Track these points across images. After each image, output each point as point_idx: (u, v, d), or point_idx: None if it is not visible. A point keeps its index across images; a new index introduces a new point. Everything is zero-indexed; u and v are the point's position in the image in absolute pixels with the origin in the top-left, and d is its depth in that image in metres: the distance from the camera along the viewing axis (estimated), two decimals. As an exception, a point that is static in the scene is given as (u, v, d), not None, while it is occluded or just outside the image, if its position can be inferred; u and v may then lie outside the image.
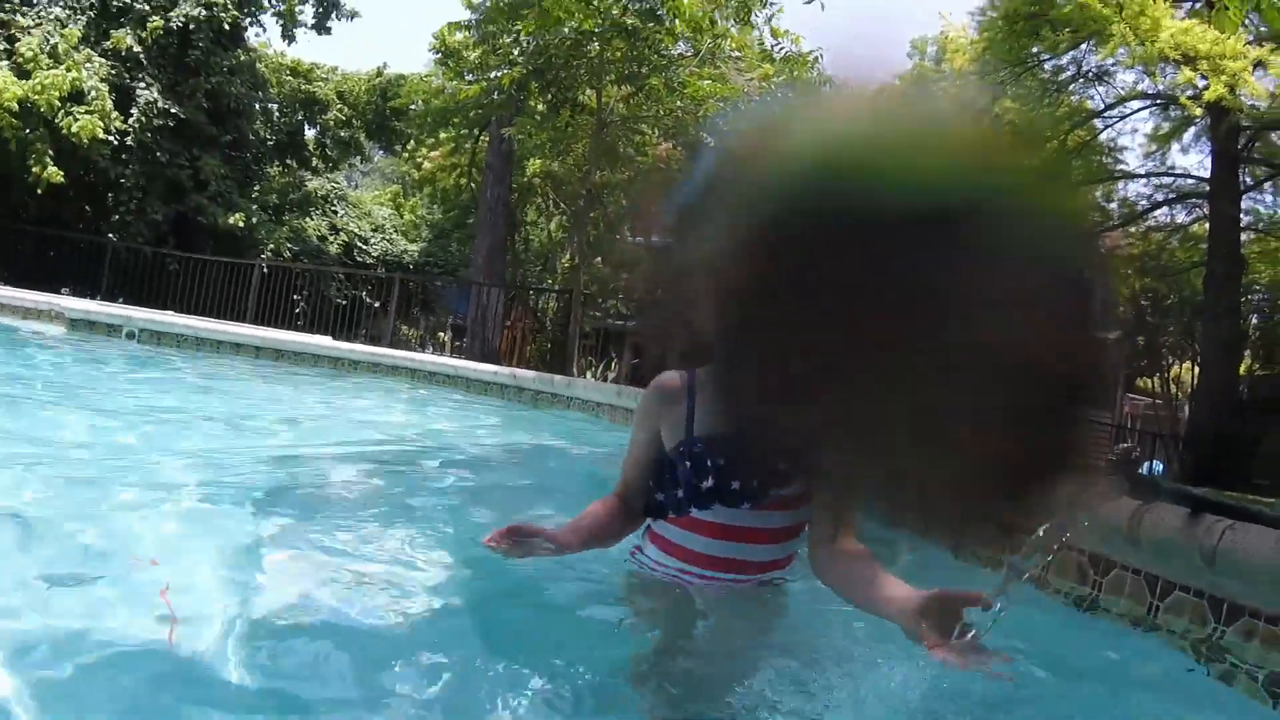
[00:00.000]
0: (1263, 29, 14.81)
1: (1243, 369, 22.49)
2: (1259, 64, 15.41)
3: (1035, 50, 18.58)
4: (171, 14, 22.20)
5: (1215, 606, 1.98)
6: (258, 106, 26.12)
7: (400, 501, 3.51)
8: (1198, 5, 16.72)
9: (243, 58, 24.63)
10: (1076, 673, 2.08)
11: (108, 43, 21.57)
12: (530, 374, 10.44)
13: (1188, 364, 26.38)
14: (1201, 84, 15.85)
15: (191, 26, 22.35)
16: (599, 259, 22.43)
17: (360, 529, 2.89)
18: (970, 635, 1.59)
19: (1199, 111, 16.77)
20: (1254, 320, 24.98)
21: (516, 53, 16.01)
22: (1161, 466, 20.39)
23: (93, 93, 20.16)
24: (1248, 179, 19.19)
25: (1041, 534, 1.80)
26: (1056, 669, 2.06)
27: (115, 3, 22.10)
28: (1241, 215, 18.72)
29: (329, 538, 2.65)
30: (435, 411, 8.27)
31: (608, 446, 6.67)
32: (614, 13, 14.44)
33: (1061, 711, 1.87)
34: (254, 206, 24.46)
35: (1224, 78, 15.08)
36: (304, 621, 1.94)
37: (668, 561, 2.17)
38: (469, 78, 18.97)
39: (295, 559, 2.38)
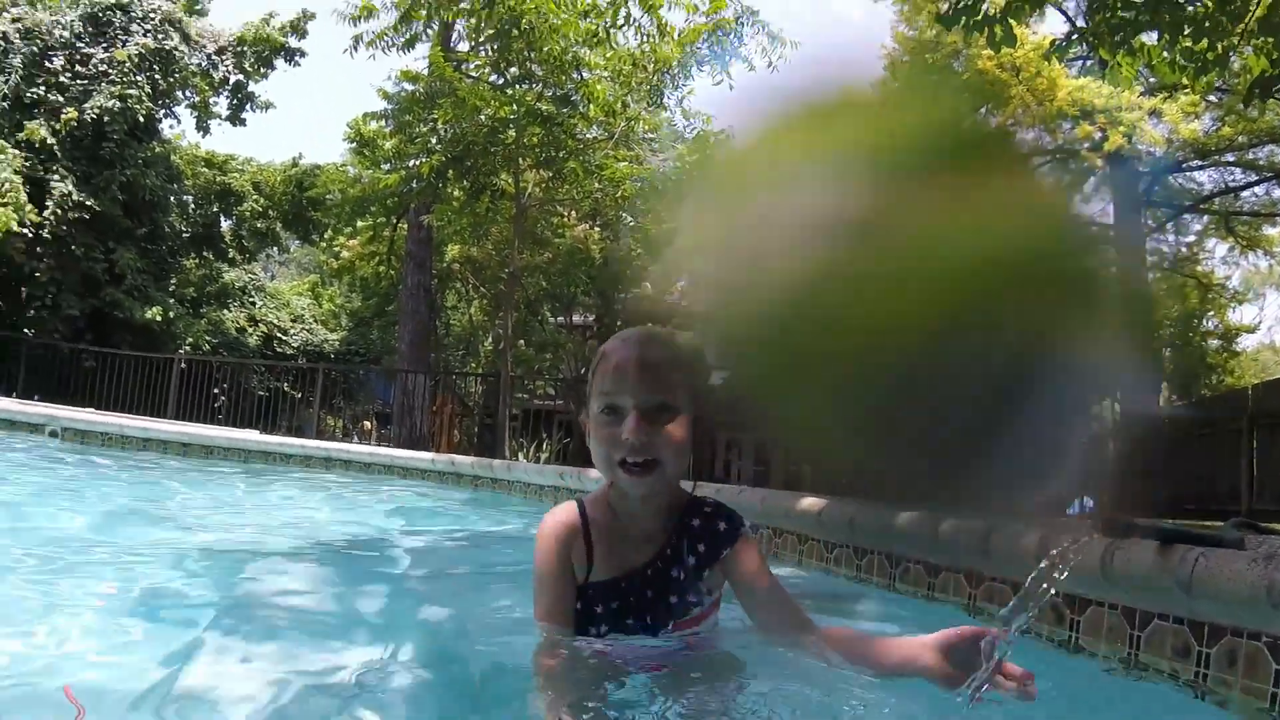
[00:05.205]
0: (1153, 80, 15.47)
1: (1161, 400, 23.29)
2: (1153, 113, 16.09)
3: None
4: (86, 106, 22.00)
5: (1196, 631, 2.03)
6: (173, 198, 25.79)
7: (351, 597, 3.43)
8: (1089, 63, 17.42)
9: (157, 149, 24.46)
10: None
11: (21, 134, 21.34)
12: (468, 460, 10.35)
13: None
14: (1099, 136, 16.48)
15: (105, 119, 22.15)
16: (521, 341, 22.45)
17: (311, 628, 2.80)
18: (994, 661, 1.60)
19: (1099, 163, 17.39)
20: (1166, 353, 25.92)
21: (434, 141, 16.08)
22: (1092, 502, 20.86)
23: (6, 185, 19.85)
24: (1149, 221, 19.89)
25: (1028, 585, 1.82)
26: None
27: (29, 94, 21.95)
28: (1146, 256, 19.38)
29: (279, 639, 2.58)
30: (375, 502, 8.12)
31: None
32: (529, 100, 14.61)
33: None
34: (171, 299, 24.15)
35: (1121, 129, 15.71)
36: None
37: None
38: (385, 166, 19.00)
39: (243, 662, 2.31)
